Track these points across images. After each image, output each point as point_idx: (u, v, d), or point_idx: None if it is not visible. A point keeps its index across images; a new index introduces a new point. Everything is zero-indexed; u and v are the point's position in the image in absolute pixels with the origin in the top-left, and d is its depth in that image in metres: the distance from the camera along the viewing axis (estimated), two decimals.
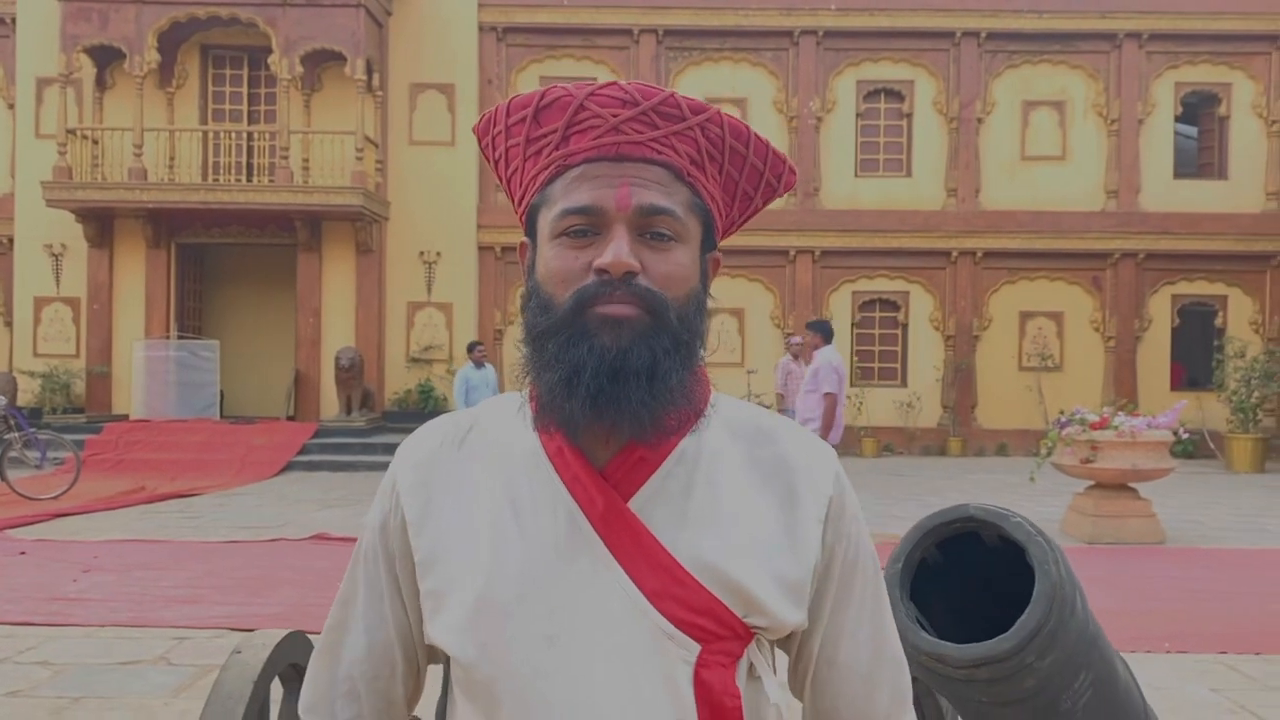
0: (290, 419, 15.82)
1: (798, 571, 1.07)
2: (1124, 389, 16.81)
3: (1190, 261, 17.18)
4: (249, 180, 16.01)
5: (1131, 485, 9.04)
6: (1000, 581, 1.49)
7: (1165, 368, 17.36)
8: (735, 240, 1.30)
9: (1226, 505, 11.46)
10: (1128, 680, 1.57)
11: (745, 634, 1.05)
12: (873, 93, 17.30)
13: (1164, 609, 6.43)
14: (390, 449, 14.42)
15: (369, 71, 15.40)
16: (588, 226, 1.05)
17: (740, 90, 17.10)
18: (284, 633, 2.44)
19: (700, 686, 1.03)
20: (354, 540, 5.53)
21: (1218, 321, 17.41)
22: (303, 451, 14.05)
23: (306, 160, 15.57)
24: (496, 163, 1.18)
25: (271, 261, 17.01)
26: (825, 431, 8.30)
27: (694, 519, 1.06)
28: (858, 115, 17.26)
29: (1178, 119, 17.58)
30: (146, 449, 13.59)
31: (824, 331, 8.88)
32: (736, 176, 1.13)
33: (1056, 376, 17.06)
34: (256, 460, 13.42)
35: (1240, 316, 17.29)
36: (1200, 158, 17.96)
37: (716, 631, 1.04)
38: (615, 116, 1.06)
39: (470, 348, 12.11)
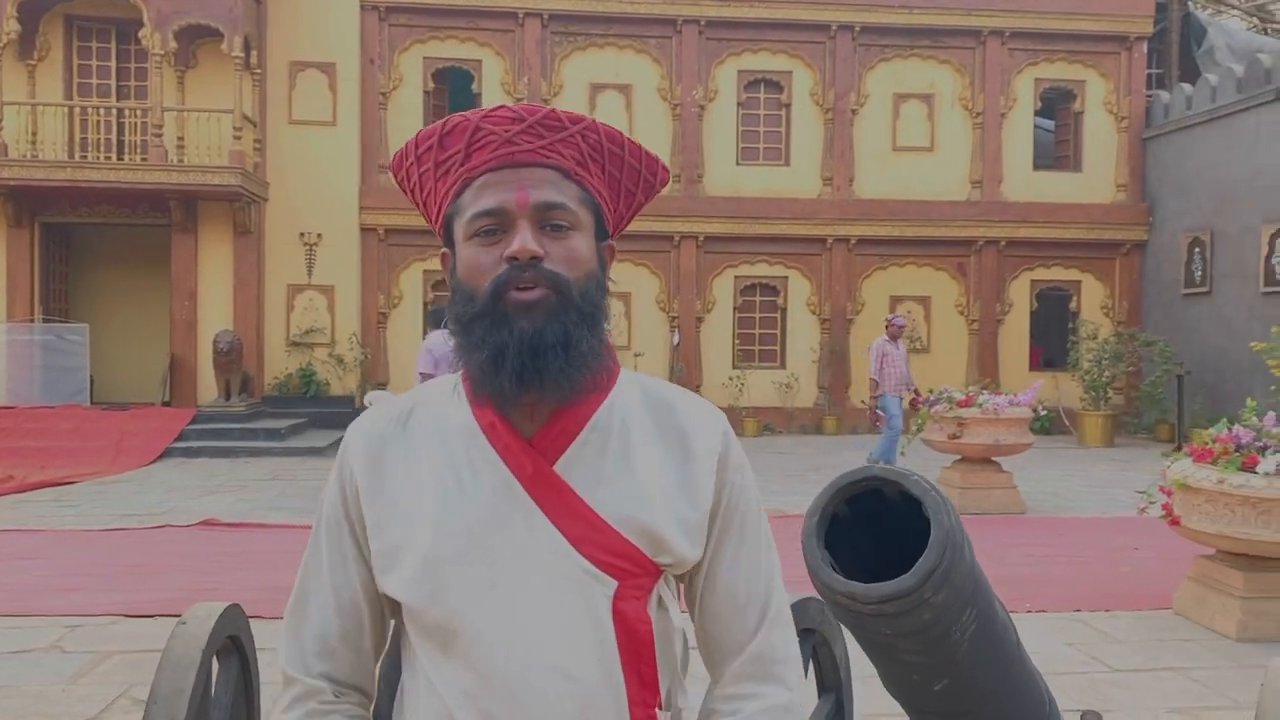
0: (166, 404, 15.35)
1: (695, 515, 1.29)
2: (986, 369, 17.73)
3: (1047, 249, 18.18)
4: (119, 158, 15.40)
5: (994, 459, 9.64)
6: (897, 534, 1.74)
7: (1024, 349, 18.36)
8: None
9: (1080, 477, 12.28)
10: (1005, 620, 1.85)
11: (654, 571, 1.26)
12: (753, 82, 17.71)
13: (1025, 573, 6.94)
14: (272, 434, 14.20)
15: (246, 49, 15.00)
16: (496, 226, 1.25)
17: (625, 77, 17.29)
18: (223, 606, 2.57)
19: (618, 616, 1.24)
20: (242, 525, 5.68)
21: (1072, 305, 18.48)
22: (181, 438, 13.69)
23: (181, 139, 15.08)
24: (413, 190, 1.37)
25: (144, 242, 16.42)
26: None
27: (608, 477, 1.26)
28: (739, 104, 17.65)
29: (1037, 113, 18.54)
30: (12, 437, 13.04)
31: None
32: (618, 175, 1.34)
33: (924, 358, 17.83)
34: (132, 447, 13.02)
35: (1092, 301, 18.41)
36: (1057, 151, 18.98)
37: (630, 570, 1.25)
38: (507, 131, 1.27)
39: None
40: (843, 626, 2.64)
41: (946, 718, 1.85)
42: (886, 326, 11.50)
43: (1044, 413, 10.82)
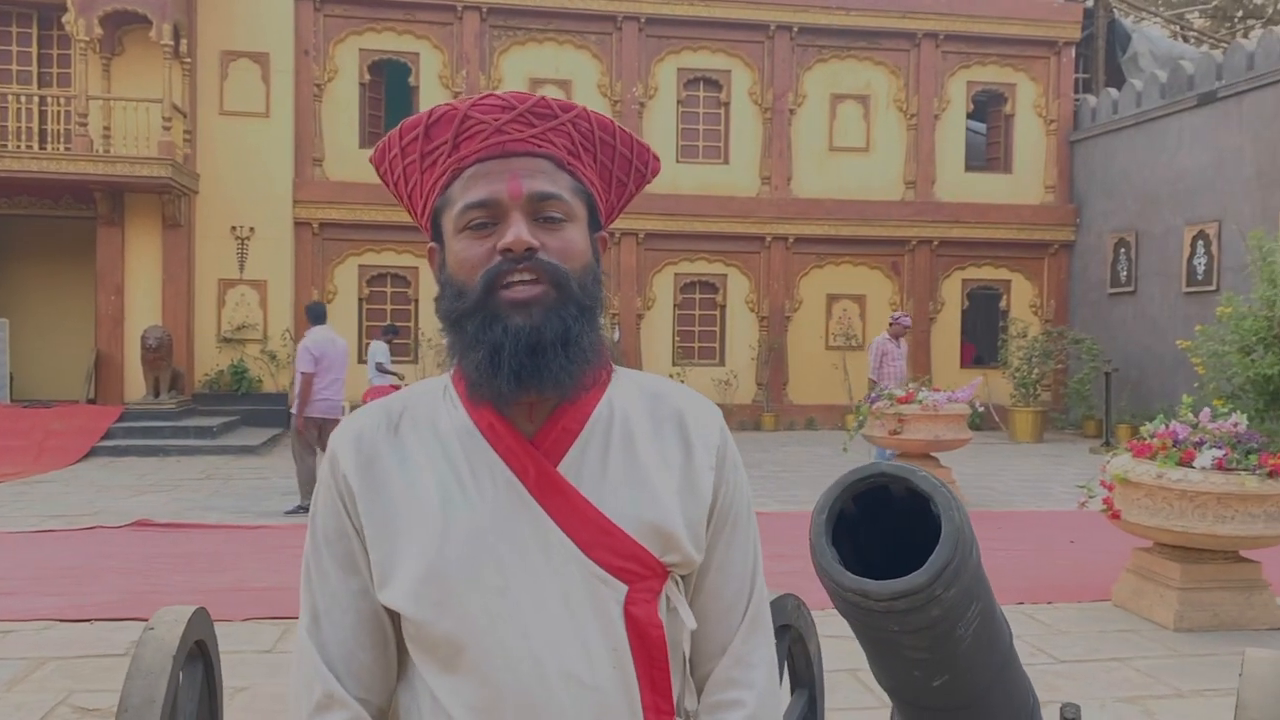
0: (91, 402, 14.89)
1: (698, 513, 1.25)
2: (919, 367, 18.00)
3: (979, 249, 18.54)
4: (41, 148, 14.88)
5: (934, 455, 9.80)
6: (897, 532, 1.74)
7: (956, 347, 18.71)
8: None
9: (1013, 472, 12.55)
10: (1002, 616, 1.87)
11: (663, 572, 1.22)
12: (692, 80, 17.77)
13: None
14: (203, 432, 13.87)
15: (176, 36, 14.59)
16: (487, 218, 1.19)
17: (564, 72, 17.21)
18: (191, 610, 2.49)
19: (630, 621, 1.20)
20: (177, 526, 5.52)
21: (1002, 304, 18.88)
22: (108, 436, 13.29)
23: (107, 128, 14.62)
24: (396, 183, 1.30)
25: (68, 235, 15.90)
26: None
27: (613, 476, 1.22)
28: (679, 102, 17.69)
29: (969, 116, 18.90)
30: None
31: None
32: (609, 164, 1.30)
33: (859, 355, 18.01)
34: (56, 446, 12.61)
35: (1022, 300, 18.83)
36: (988, 152, 19.37)
37: (640, 572, 1.21)
38: (497, 120, 1.21)
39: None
40: (815, 623, 2.66)
41: (940, 712, 1.87)
42: (890, 325, 11.24)
43: (982, 409, 11.03)
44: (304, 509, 9.08)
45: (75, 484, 10.77)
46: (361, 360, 16.26)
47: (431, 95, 16.87)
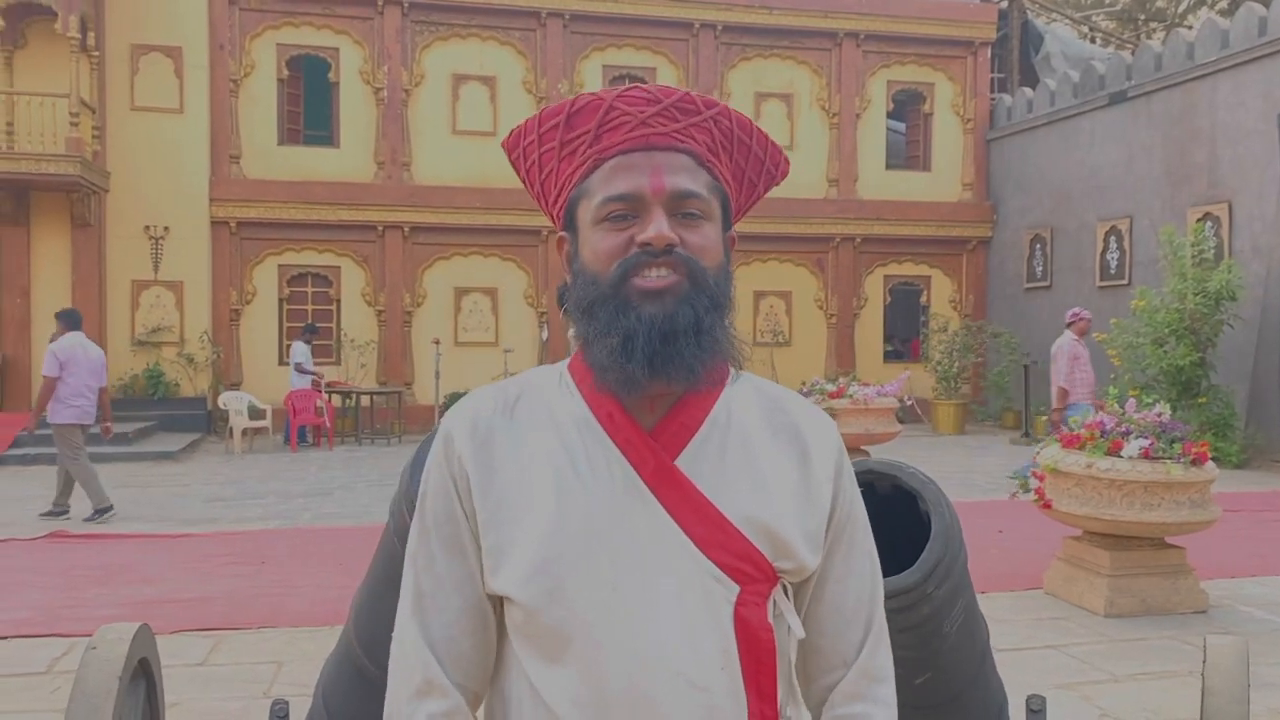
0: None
1: (815, 522, 1.24)
2: (844, 361, 18.27)
3: (900, 245, 18.87)
4: None
5: (864, 448, 9.92)
6: (880, 530, 1.73)
7: (879, 342, 19.01)
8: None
9: (938, 463, 12.76)
10: (979, 609, 1.87)
11: (773, 576, 1.20)
12: (618, 78, 17.69)
13: None
14: (119, 438, 13.30)
15: (83, 29, 14.07)
16: (627, 211, 1.19)
17: (489, 68, 17.04)
18: (135, 627, 2.38)
19: (740, 623, 1.17)
20: (95, 537, 5.34)
21: (923, 299, 19.24)
22: (16, 445, 12.77)
23: (10, 124, 14.03)
24: (529, 170, 1.29)
25: None
26: None
27: (730, 475, 1.20)
28: None
29: (889, 115, 19.21)
30: None
31: None
32: (744, 164, 1.29)
33: (786, 351, 18.25)
34: None
35: (942, 295, 19.21)
36: (908, 151, 19.72)
37: (753, 574, 1.18)
38: (642, 113, 1.21)
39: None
40: None
41: (919, 710, 1.86)
42: (1073, 323, 9.93)
43: (910, 402, 11.21)
44: (100, 512, 8.91)
45: None
46: (283, 362, 15.93)
47: (352, 91, 16.58)
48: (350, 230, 16.53)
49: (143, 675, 2.42)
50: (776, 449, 1.25)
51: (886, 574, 1.58)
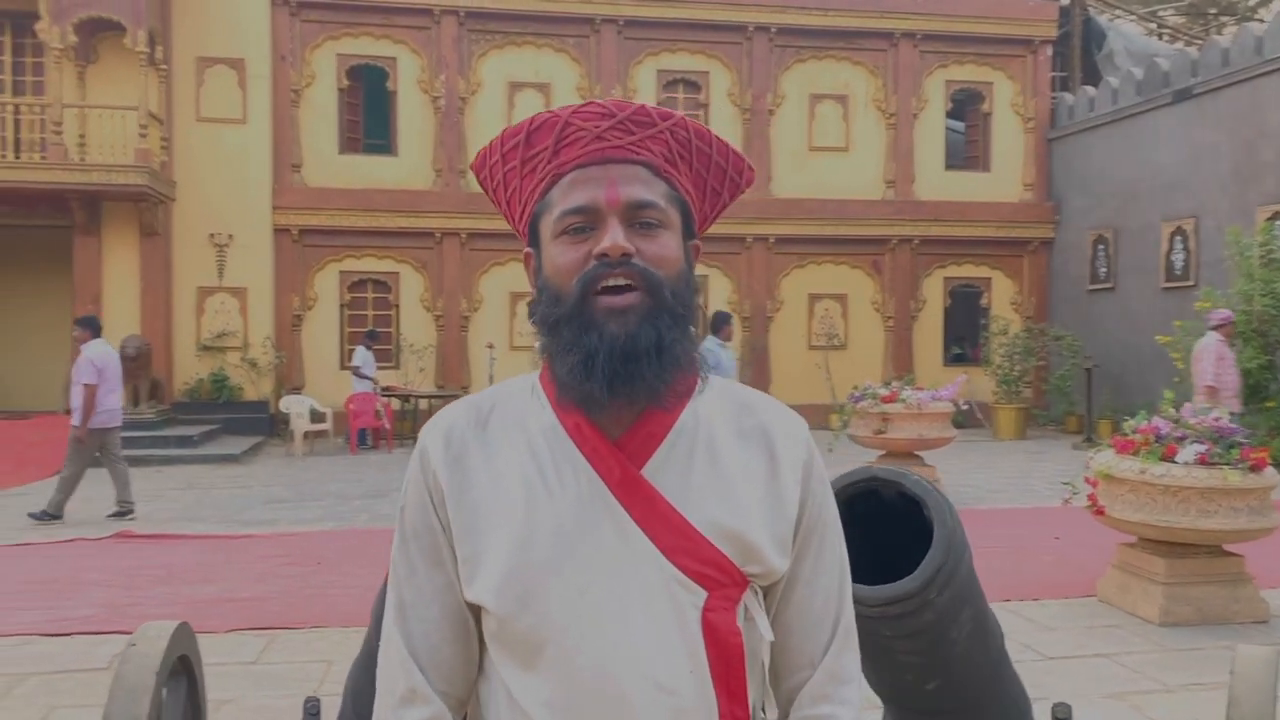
0: (69, 413, 14.70)
1: (783, 525, 1.25)
2: (901, 365, 18.07)
3: (959, 247, 18.62)
4: (16, 157, 14.72)
5: (918, 453, 9.83)
6: (890, 536, 1.73)
7: (939, 344, 18.77)
8: None
9: (996, 469, 12.60)
10: (993, 618, 1.86)
11: (743, 581, 1.22)
12: (671, 82, 17.77)
13: None
14: (184, 441, 13.76)
15: (151, 43, 14.48)
16: (585, 224, 1.21)
17: (544, 76, 17.18)
18: (174, 625, 2.45)
19: (708, 628, 1.20)
20: (160, 537, 5.47)
21: (983, 301, 18.96)
22: None
23: (83, 136, 14.50)
24: (495, 189, 1.33)
25: (44, 245, 15.75)
26: None
27: (697, 482, 1.23)
28: (658, 104, 17.63)
29: (948, 114, 18.97)
30: None
31: None
32: (705, 173, 1.31)
33: (841, 354, 18.13)
34: (35, 458, 12.46)
35: (1003, 297, 18.92)
36: (967, 151, 19.45)
37: (720, 579, 1.21)
38: (597, 127, 1.23)
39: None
40: None
41: (933, 715, 1.86)
42: (1220, 325, 9.78)
43: (965, 407, 11.04)
44: (48, 516, 9.04)
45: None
46: (344, 367, 16.22)
47: (410, 100, 16.82)
48: (409, 237, 16.78)
49: (183, 672, 2.50)
50: (744, 453, 1.27)
51: (892, 581, 1.59)
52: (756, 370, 17.85)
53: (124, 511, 9.25)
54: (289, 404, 14.91)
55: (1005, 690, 1.89)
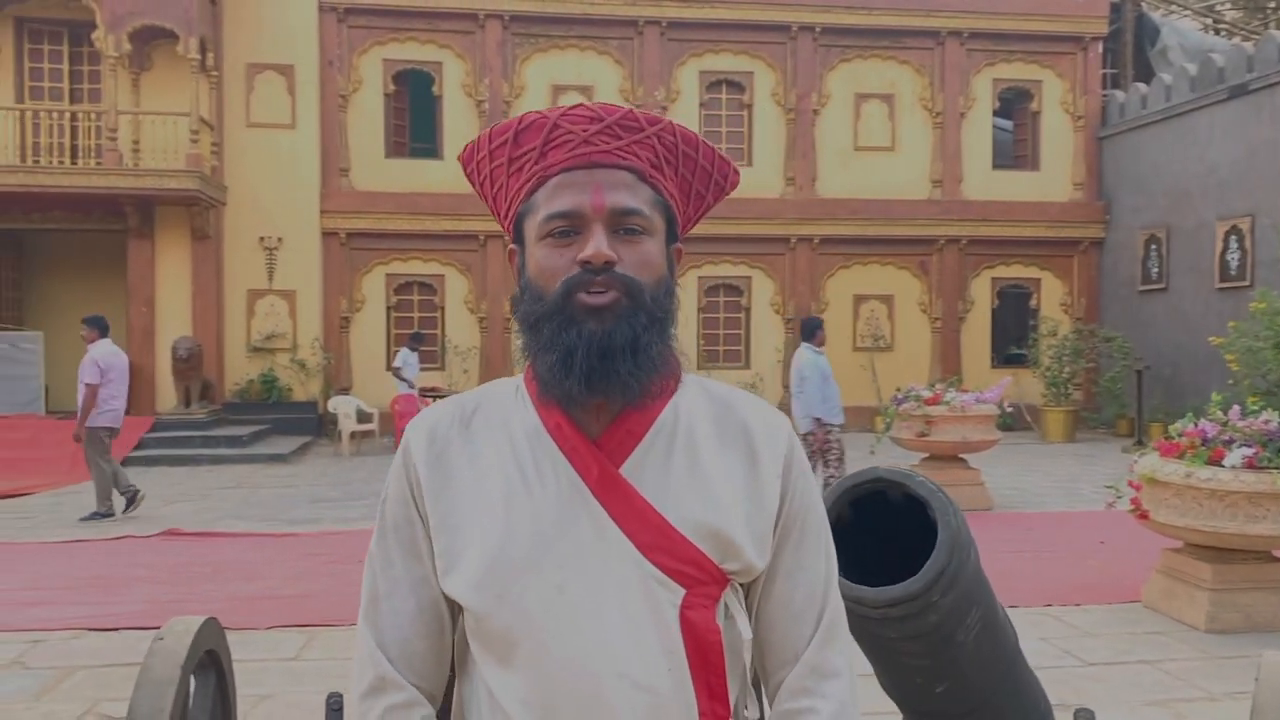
0: (124, 413, 15.03)
1: (762, 521, 1.26)
2: (949, 366, 17.87)
3: (1007, 247, 18.37)
4: (73, 162, 15.09)
5: (962, 456, 9.71)
6: (900, 536, 1.72)
7: (986, 345, 18.54)
8: None
9: (1043, 472, 12.41)
10: (1005, 619, 1.84)
11: (722, 579, 1.23)
12: (715, 83, 17.74)
13: (994, 569, 6.93)
14: (234, 441, 14.00)
15: (203, 50, 14.77)
16: (569, 227, 1.22)
17: (587, 78, 17.25)
18: (200, 620, 2.50)
19: (686, 625, 1.20)
20: (207, 535, 5.57)
21: (1032, 302, 18.69)
22: (140, 446, 13.44)
23: (137, 142, 14.82)
24: (481, 184, 1.34)
25: (100, 248, 16.12)
26: None
27: (675, 481, 1.23)
28: (701, 105, 17.66)
29: (995, 113, 18.73)
30: None
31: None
32: (690, 177, 1.32)
33: (888, 356, 17.97)
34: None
35: (1052, 298, 18.64)
36: (1016, 150, 19.19)
37: (698, 577, 1.21)
38: (585, 131, 1.24)
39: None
40: None
41: (946, 719, 1.84)
42: None
43: (1010, 409, 10.89)
44: (100, 515, 9.20)
45: None
46: (390, 368, 16.39)
47: (455, 104, 16.97)
48: (454, 240, 16.92)
49: (212, 666, 2.54)
50: (724, 451, 1.27)
51: (899, 582, 1.58)
52: None
53: (129, 504, 9.37)
54: (336, 404, 15.11)
55: (1021, 693, 1.87)
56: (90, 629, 5.66)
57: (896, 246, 18.10)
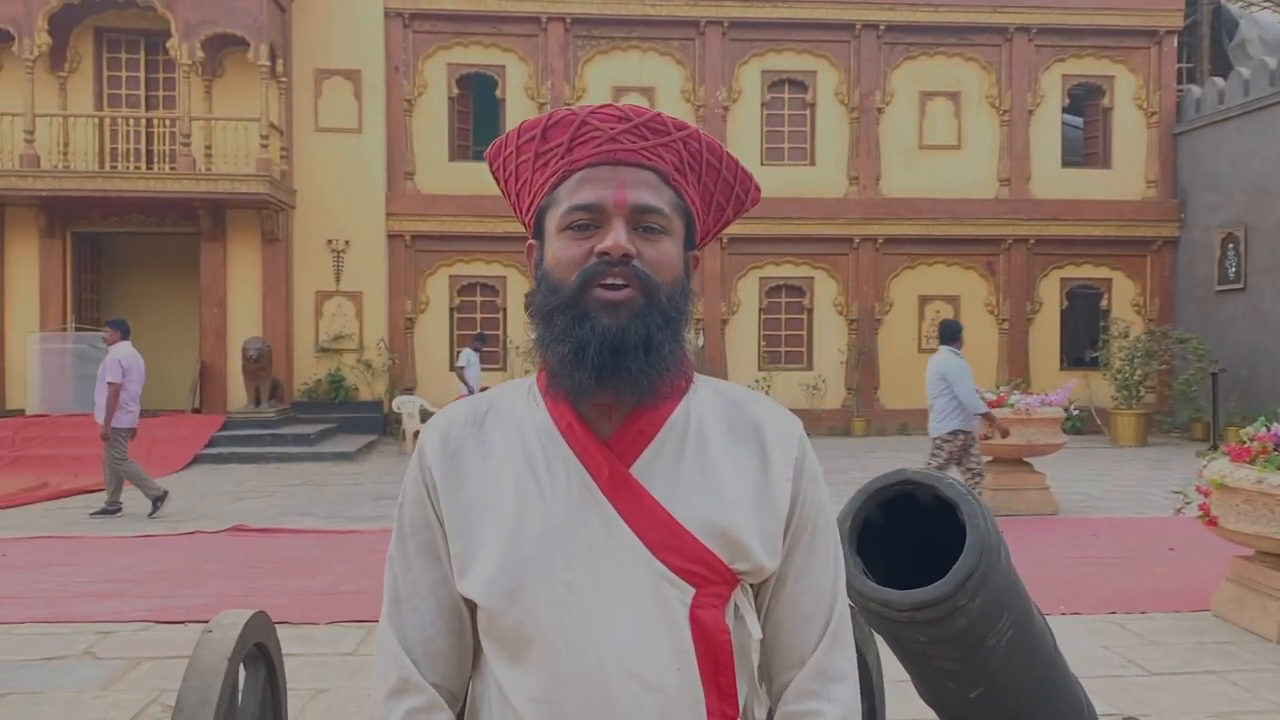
0: (196, 411, 15.47)
1: (773, 522, 1.25)
2: (1016, 368, 17.55)
3: (1077, 246, 17.99)
4: (149, 168, 15.57)
5: (1026, 460, 9.53)
6: (932, 539, 1.70)
7: (1055, 347, 18.17)
8: None
9: (1112, 477, 12.12)
10: (1042, 625, 1.80)
11: (732, 579, 1.23)
12: (777, 83, 17.66)
13: (1058, 575, 6.85)
14: (301, 439, 14.28)
15: (272, 57, 15.12)
16: (590, 221, 1.23)
17: (649, 79, 17.28)
18: (249, 613, 2.55)
19: (696, 624, 1.20)
20: (273, 531, 5.65)
21: (1103, 303, 18.27)
22: (211, 444, 13.80)
23: (209, 147, 15.22)
24: (507, 179, 1.35)
25: (174, 251, 16.59)
26: None
27: (685, 481, 1.24)
28: (763, 105, 17.60)
29: (1065, 110, 18.36)
30: (45, 445, 13.17)
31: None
32: (711, 187, 1.33)
33: None
34: (163, 454, 13.12)
35: (1123, 298, 18.20)
36: (1086, 147, 18.79)
37: (708, 577, 1.21)
38: (613, 129, 1.25)
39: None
40: (874, 632, 2.61)
41: None
42: None
43: (1076, 412, 10.66)
44: (158, 501, 9.36)
45: (179, 490, 11.16)
46: (454, 368, 16.60)
47: (518, 107, 17.11)
48: (515, 241, 17.04)
49: (261, 659, 2.60)
50: (735, 452, 1.27)
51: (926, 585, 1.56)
52: (864, 374, 17.58)
53: (113, 510, 9.50)
54: (401, 404, 15.35)
55: (1060, 699, 1.83)
56: (157, 621, 5.81)
57: (962, 246, 17.83)
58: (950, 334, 8.55)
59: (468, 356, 14.55)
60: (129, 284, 17.10)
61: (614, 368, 1.19)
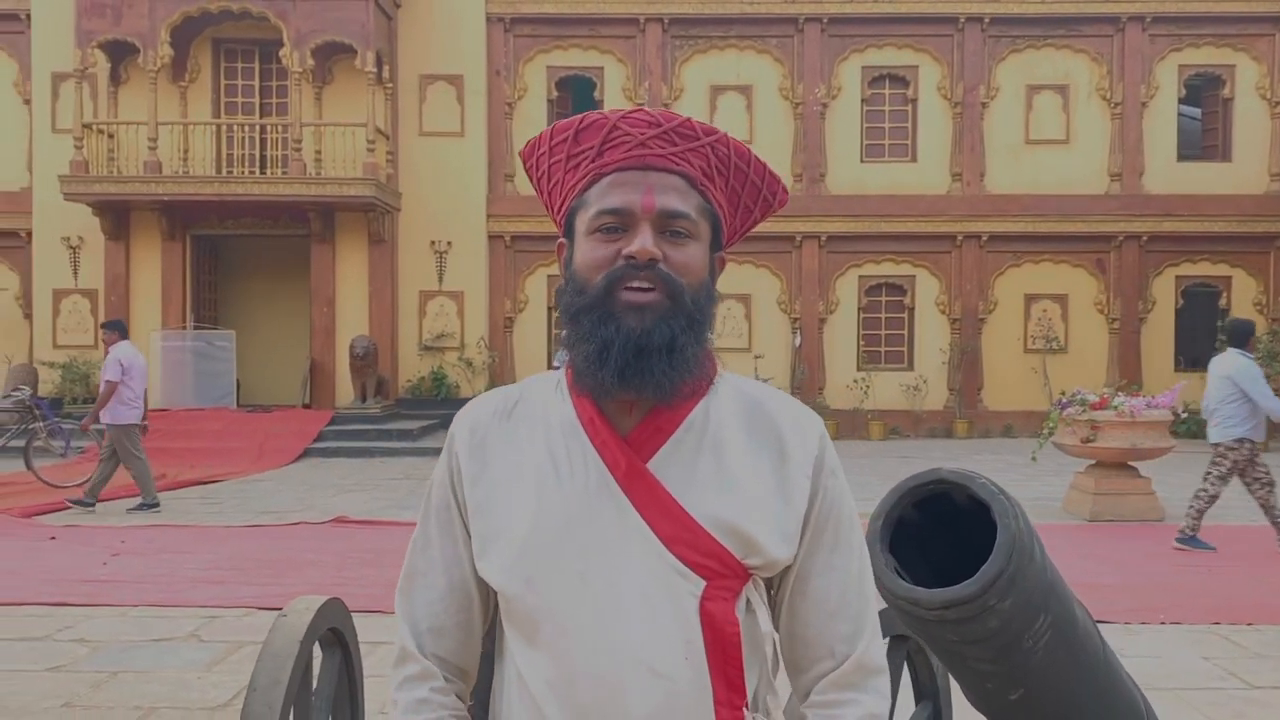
0: (306, 407, 16.04)
1: (789, 518, 1.28)
2: (1128, 370, 16.95)
3: (1194, 243, 17.27)
4: (262, 172, 16.21)
5: (1131, 464, 9.21)
6: (973, 538, 1.69)
7: (1169, 349, 17.47)
8: None
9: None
10: (1088, 626, 1.77)
11: (743, 573, 1.26)
12: (877, 79, 17.40)
13: (1160, 583, 6.61)
14: (405, 435, 14.68)
15: (379, 63, 15.57)
16: (618, 224, 1.27)
17: (746, 78, 17.23)
18: (323, 599, 2.66)
19: (705, 616, 1.24)
20: (372, 523, 5.88)
21: (1222, 302, 17.49)
22: (319, 439, 14.28)
23: (319, 152, 15.75)
24: (539, 178, 1.40)
25: (285, 252, 17.22)
26: None
27: (700, 478, 1.27)
28: (863, 101, 17.37)
29: (1181, 101, 17.65)
30: (165, 438, 13.78)
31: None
32: (739, 190, 1.36)
33: (1061, 358, 17.19)
34: (274, 448, 13.65)
35: (1244, 297, 17.39)
36: (1204, 140, 18.01)
37: (719, 570, 1.24)
38: (643, 134, 1.29)
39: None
40: None
41: None
42: None
43: (1186, 415, 10.23)
44: (147, 506, 9.43)
45: (287, 483, 11.62)
46: (551, 366, 16.82)
47: (616, 108, 17.20)
48: None
49: (337, 644, 2.71)
50: (753, 449, 1.30)
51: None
52: (967, 374, 17.20)
53: (89, 503, 9.60)
54: None
55: (1111, 703, 1.79)
56: (259, 608, 6.06)
57: (1071, 244, 17.30)
58: (1241, 335, 7.95)
59: (563, 356, 14.69)
60: (243, 284, 17.83)
61: (637, 369, 1.22)
